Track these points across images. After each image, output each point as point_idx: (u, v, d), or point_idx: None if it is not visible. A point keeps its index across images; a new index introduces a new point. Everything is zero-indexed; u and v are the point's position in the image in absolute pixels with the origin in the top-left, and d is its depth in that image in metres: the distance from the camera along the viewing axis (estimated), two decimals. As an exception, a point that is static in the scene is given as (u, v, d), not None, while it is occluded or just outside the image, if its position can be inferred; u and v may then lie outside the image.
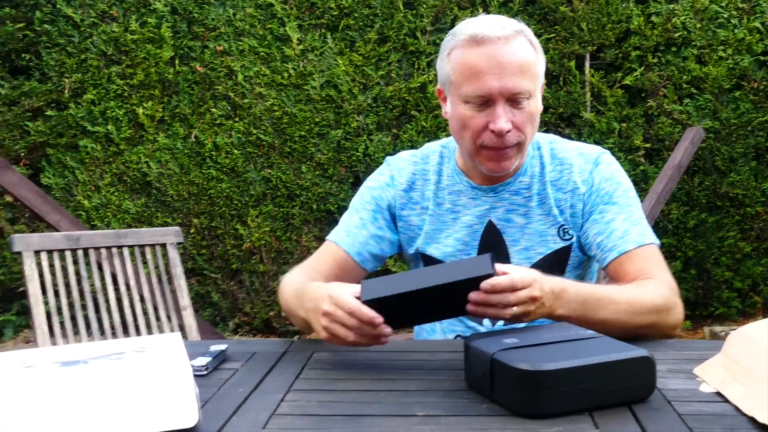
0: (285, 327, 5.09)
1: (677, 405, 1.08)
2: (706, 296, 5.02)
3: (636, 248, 1.57)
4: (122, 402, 0.96)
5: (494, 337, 1.18)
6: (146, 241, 2.36)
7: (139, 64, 5.06)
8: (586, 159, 1.68)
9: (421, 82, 4.95)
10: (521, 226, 1.67)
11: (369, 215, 1.74)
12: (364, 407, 1.10)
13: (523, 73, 1.52)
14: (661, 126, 4.91)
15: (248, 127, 5.04)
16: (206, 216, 5.09)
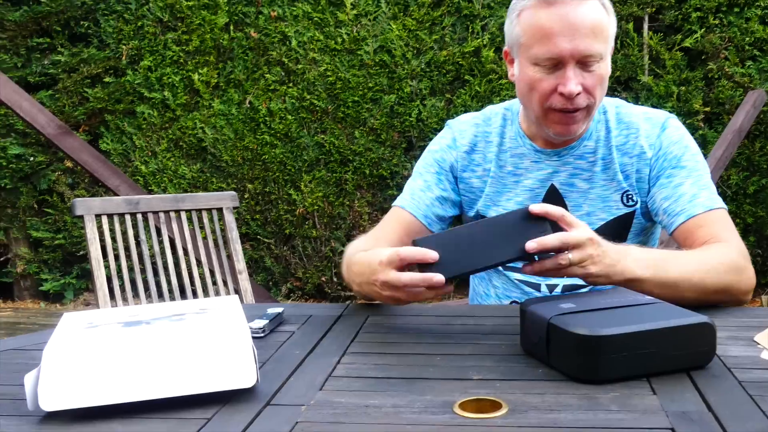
0: (337, 292, 5.14)
1: (737, 372, 1.06)
2: (764, 263, 4.91)
3: (705, 212, 1.53)
4: (183, 362, 0.98)
5: (551, 302, 1.17)
6: (203, 205, 2.39)
7: (195, 30, 5.11)
8: (653, 123, 1.65)
9: (475, 46, 4.90)
10: (584, 191, 1.65)
11: (433, 177, 1.74)
12: (420, 370, 1.11)
13: (595, 35, 1.49)
14: (721, 89, 4.78)
15: (302, 92, 5.05)
16: (260, 181, 5.14)
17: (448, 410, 0.94)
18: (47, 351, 0.97)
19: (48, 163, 5.53)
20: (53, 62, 5.41)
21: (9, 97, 3.83)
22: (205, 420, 0.93)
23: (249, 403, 0.98)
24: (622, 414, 0.92)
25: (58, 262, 5.64)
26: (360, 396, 1.00)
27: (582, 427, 0.89)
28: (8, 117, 5.37)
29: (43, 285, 5.63)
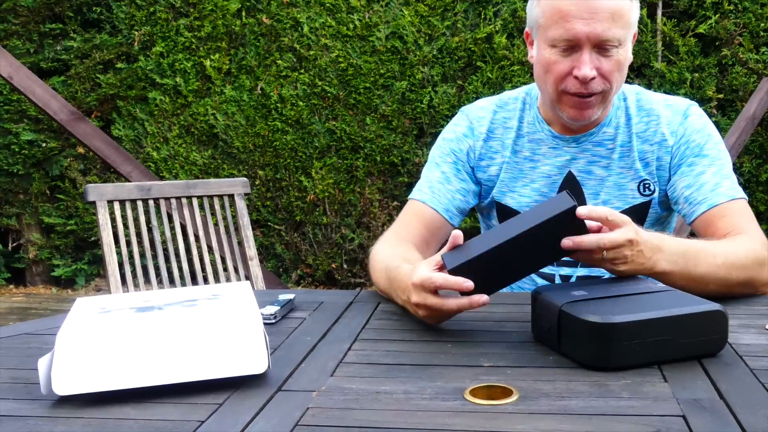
0: (347, 279, 5.15)
1: (749, 360, 1.06)
2: (778, 252, 4.88)
3: (727, 202, 1.52)
4: (195, 347, 0.99)
5: (563, 289, 1.17)
6: (215, 191, 2.40)
7: (207, 16, 5.10)
8: (674, 111, 1.63)
9: (487, 32, 4.87)
10: (602, 178, 1.64)
11: (451, 168, 1.70)
12: (430, 357, 1.11)
13: (614, 20, 1.47)
14: (735, 76, 4.74)
15: (313, 78, 5.05)
16: (271, 168, 5.15)
17: (458, 397, 0.94)
18: (60, 335, 0.97)
19: (60, 149, 5.55)
20: (66, 48, 5.42)
21: (22, 82, 3.85)
22: (216, 405, 0.94)
23: (260, 389, 0.98)
24: (633, 401, 0.92)
25: (69, 248, 5.67)
26: (371, 382, 1.01)
27: (592, 414, 0.89)
28: (21, 103, 5.39)
29: (54, 271, 5.66)
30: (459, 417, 0.88)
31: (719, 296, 1.36)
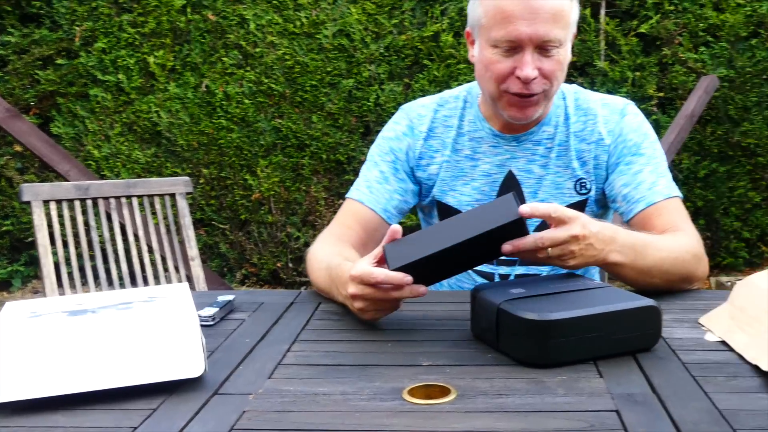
0: (292, 278, 5.12)
1: (682, 354, 1.09)
2: (714, 246, 5.01)
3: (664, 200, 1.56)
4: (129, 351, 0.97)
5: (501, 288, 1.18)
6: (155, 191, 2.36)
7: (151, 12, 5.02)
8: (611, 109, 1.65)
9: (434, 30, 4.89)
10: (540, 177, 1.65)
11: (389, 168, 1.69)
12: (370, 357, 1.11)
13: (555, 20, 1.48)
14: (675, 75, 4.84)
15: (259, 76, 5.00)
16: (216, 166, 5.09)
17: (397, 397, 0.94)
18: (-13, 341, 0.95)
19: (-3, 147, 5.41)
20: (3, 43, 5.28)
21: (-45, 79, 3.74)
22: (150, 410, 0.92)
23: (196, 393, 0.97)
24: (568, 397, 0.93)
25: (5, 249, 5.53)
26: (309, 384, 1.00)
27: (529, 411, 0.89)
28: (-44, 100, 5.23)
29: (-10, 272, 5.51)
30: (397, 417, 0.88)
31: (660, 290, 1.40)
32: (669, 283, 1.43)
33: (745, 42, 4.81)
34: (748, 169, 4.91)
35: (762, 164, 4.88)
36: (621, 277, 1.39)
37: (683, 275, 1.45)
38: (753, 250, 5.03)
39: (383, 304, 1.23)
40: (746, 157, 4.90)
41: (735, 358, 1.06)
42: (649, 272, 1.38)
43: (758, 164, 4.89)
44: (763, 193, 4.94)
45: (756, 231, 4.98)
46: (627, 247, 1.33)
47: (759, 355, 1.03)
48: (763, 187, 4.94)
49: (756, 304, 1.14)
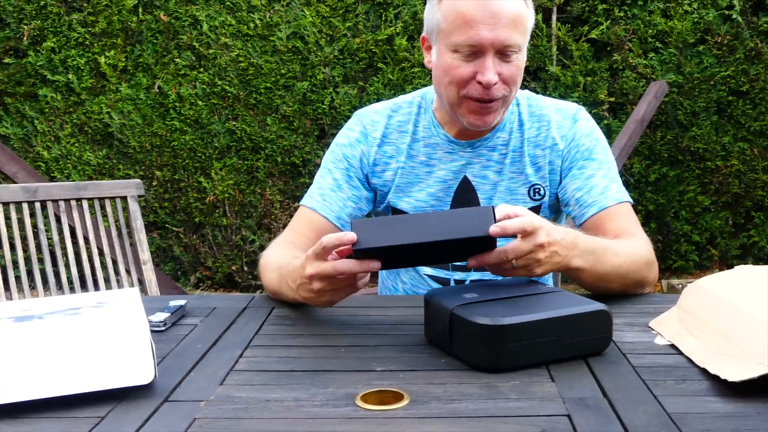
0: (247, 281, 5.08)
1: (632, 357, 1.10)
2: (664, 250, 5.10)
3: (615, 205, 1.58)
4: (77, 358, 0.95)
5: (454, 292, 1.18)
6: (106, 193, 2.32)
7: (102, 11, 4.94)
8: (564, 115, 1.67)
9: (388, 34, 4.90)
10: (495, 183, 1.65)
11: (343, 175, 1.68)
12: (323, 362, 1.10)
13: (515, 25, 1.49)
14: (625, 80, 4.92)
15: (213, 78, 4.96)
16: (169, 168, 5.03)
17: (350, 403, 0.94)
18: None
19: (-57, 148, 5.27)
20: (-52, 42, 5.15)
21: None
22: (99, 418, 0.90)
23: (146, 400, 0.95)
24: (521, 402, 0.94)
25: (-46, 252, 5.41)
26: (261, 390, 0.99)
27: (481, 416, 0.90)
28: None
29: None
30: (349, 424, 0.88)
31: (616, 294, 1.42)
32: (625, 287, 1.45)
33: (693, 48, 4.91)
34: (697, 174, 5.02)
35: (710, 169, 4.99)
36: (580, 281, 1.40)
37: (638, 280, 1.47)
38: (703, 253, 5.14)
39: (340, 281, 1.21)
40: (695, 162, 5.00)
41: (684, 362, 1.08)
42: (607, 277, 1.40)
43: (707, 169, 4.99)
44: (712, 197, 5.05)
45: (705, 234, 5.09)
46: (588, 252, 1.35)
47: (707, 358, 1.04)
48: (711, 191, 5.05)
49: (704, 307, 1.16)
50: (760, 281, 1.19)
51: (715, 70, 4.89)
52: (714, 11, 4.86)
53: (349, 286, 1.23)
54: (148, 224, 5.11)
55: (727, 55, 4.90)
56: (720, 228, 5.07)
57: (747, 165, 4.99)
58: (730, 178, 4.99)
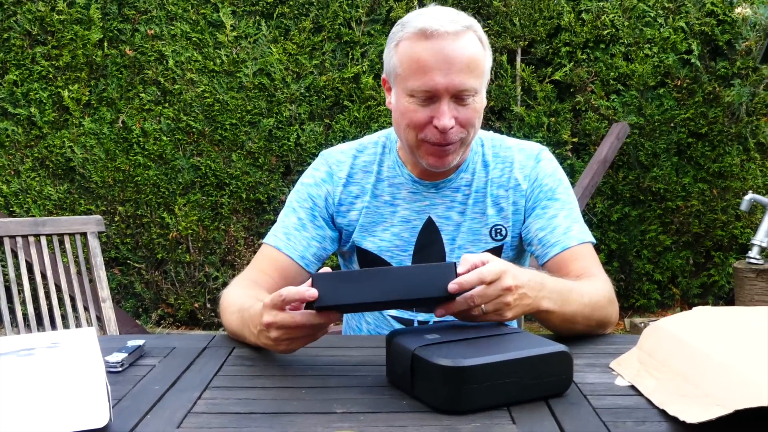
0: (210, 319, 5.02)
1: (592, 399, 1.10)
2: (627, 288, 5.15)
3: (578, 245, 1.58)
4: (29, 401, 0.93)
5: (416, 333, 1.17)
6: (66, 229, 2.29)
7: (66, 45, 4.92)
8: (527, 155, 1.68)
9: (354, 72, 4.94)
10: (458, 224, 1.66)
11: (307, 214, 1.67)
12: (283, 404, 1.08)
13: (470, 70, 1.49)
14: (588, 121, 5.00)
15: (178, 113, 4.95)
16: (132, 204, 4.98)
17: (309, 446, 0.92)
18: None
19: None
20: None
21: None
22: (49, 463, 0.88)
23: (99, 444, 0.93)
24: (481, 445, 0.93)
25: None
26: (219, 433, 0.97)
27: (442, 460, 0.89)
28: None
29: None
30: (308, 467, 0.87)
31: (580, 335, 1.42)
32: (589, 328, 1.45)
33: (654, 91, 5.02)
34: (659, 213, 5.09)
35: (671, 209, 5.07)
36: (548, 323, 1.40)
37: (602, 320, 1.47)
38: (665, 292, 5.19)
39: (299, 332, 1.20)
40: (656, 202, 5.08)
41: (644, 403, 1.08)
42: (574, 318, 1.39)
43: (668, 209, 5.07)
44: (673, 236, 5.12)
45: (667, 273, 5.15)
46: (555, 293, 1.34)
47: (666, 399, 1.05)
48: (672, 231, 5.12)
49: (663, 348, 1.17)
50: (717, 322, 1.20)
51: (675, 113, 4.99)
52: (674, 55, 4.98)
53: (308, 336, 1.23)
54: (109, 260, 5.04)
55: (687, 98, 5.01)
56: (681, 267, 5.14)
57: (706, 205, 5.08)
58: (690, 218, 5.08)
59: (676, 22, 4.99)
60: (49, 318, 2.20)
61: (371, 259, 1.68)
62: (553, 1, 4.99)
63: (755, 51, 4.85)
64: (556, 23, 5.00)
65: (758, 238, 4.29)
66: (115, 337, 1.75)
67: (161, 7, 4.95)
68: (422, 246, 1.65)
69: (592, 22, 4.97)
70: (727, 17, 4.99)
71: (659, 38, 4.99)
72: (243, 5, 4.97)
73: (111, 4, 4.95)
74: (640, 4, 4.99)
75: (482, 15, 5.00)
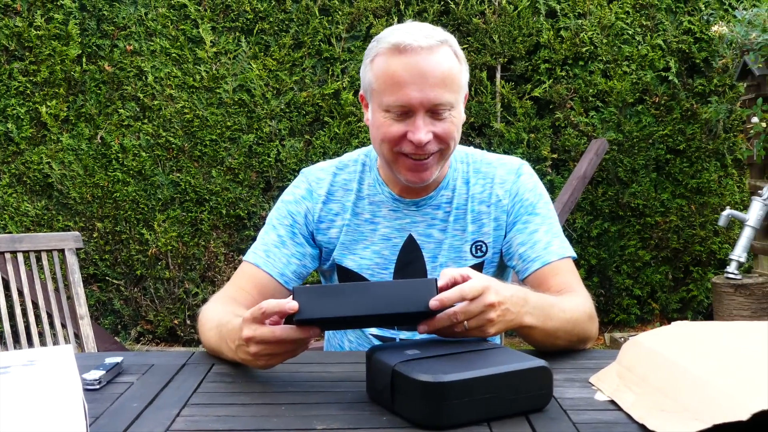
0: (190, 335, 4.99)
1: (572, 414, 1.10)
2: (607, 303, 5.17)
3: (558, 260, 1.58)
4: (4, 420, 0.91)
5: (396, 349, 1.17)
6: (43, 246, 2.26)
7: (44, 61, 4.89)
8: (507, 170, 1.67)
9: (334, 88, 4.95)
10: (439, 241, 1.65)
11: (287, 232, 1.66)
12: (263, 421, 1.08)
13: (445, 84, 1.49)
14: (567, 137, 5.03)
15: (157, 129, 4.93)
16: (110, 220, 4.95)
17: (288, 463, 0.92)
18: None
19: None
20: None
21: None
22: (24, 483, 0.86)
23: (76, 463, 0.92)
24: (462, 461, 0.93)
25: None
26: (197, 451, 0.96)
27: (422, 476, 0.88)
28: None
29: None
30: (287, 485, 0.86)
31: (561, 350, 1.42)
32: (570, 344, 1.45)
33: (632, 108, 5.07)
34: (638, 229, 5.12)
35: (650, 224, 5.10)
36: (531, 339, 1.39)
37: (582, 336, 1.47)
38: (644, 307, 5.22)
39: (278, 347, 1.20)
40: (635, 218, 5.11)
41: (623, 417, 1.08)
42: (556, 333, 1.39)
43: (647, 224, 5.11)
44: (652, 252, 5.15)
45: (646, 288, 5.18)
46: (537, 308, 1.34)
47: (645, 414, 1.05)
48: (652, 246, 5.16)
49: (642, 363, 1.17)
50: (696, 337, 1.21)
51: (654, 129, 5.04)
52: (652, 73, 5.03)
53: (288, 352, 1.22)
54: (87, 277, 5.00)
55: (665, 114, 5.06)
56: (660, 282, 5.17)
57: (685, 221, 5.12)
58: (669, 234, 5.11)
59: (653, 39, 5.05)
60: (26, 335, 2.18)
61: (351, 277, 1.67)
62: (532, 19, 5.03)
63: (732, 68, 4.91)
64: (535, 40, 5.04)
65: (736, 254, 4.33)
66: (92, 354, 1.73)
67: (140, 22, 4.94)
68: (403, 264, 1.65)
69: (571, 40, 5.02)
70: (704, 35, 5.05)
71: (637, 56, 5.04)
72: (223, 21, 4.97)
73: (90, 19, 4.94)
74: (618, 21, 5.05)
75: (462, 32, 5.03)
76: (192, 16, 4.94)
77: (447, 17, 5.03)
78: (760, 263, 4.76)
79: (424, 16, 4.97)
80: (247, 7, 4.94)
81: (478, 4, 5.00)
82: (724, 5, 5.08)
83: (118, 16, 4.93)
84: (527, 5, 5.00)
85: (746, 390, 0.95)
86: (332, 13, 4.99)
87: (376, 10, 4.98)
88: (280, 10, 4.97)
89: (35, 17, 4.89)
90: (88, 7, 4.93)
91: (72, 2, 4.90)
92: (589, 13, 5.04)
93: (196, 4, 4.96)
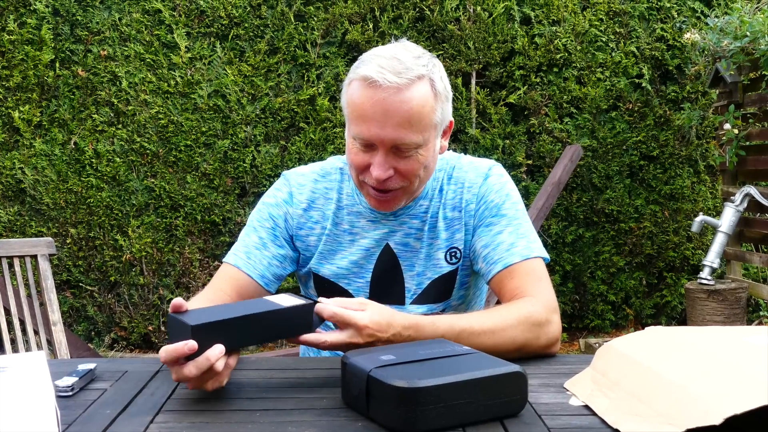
0: (164, 342, 4.95)
1: (547, 419, 1.10)
2: (582, 309, 5.20)
3: (520, 262, 1.54)
4: (-26, 427, 0.90)
5: (372, 354, 1.17)
6: (16, 252, 2.24)
7: (17, 65, 4.85)
8: (477, 173, 1.66)
9: (310, 94, 4.94)
10: (416, 250, 1.65)
11: (268, 234, 1.66)
12: (237, 428, 1.07)
13: (411, 125, 1.46)
14: (542, 143, 5.07)
15: (132, 134, 4.90)
16: (84, 225, 4.91)
17: (263, 470, 0.91)
18: None
19: None
20: None
21: None
22: (-5, 492, 0.85)
23: (47, 471, 0.91)
24: (437, 466, 0.93)
25: None
26: (171, 458, 0.96)
27: (397, 481, 0.88)
28: None
29: None
30: (262, 491, 0.85)
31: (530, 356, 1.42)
32: (520, 355, 1.40)
33: (606, 114, 5.11)
34: (612, 235, 5.17)
35: (624, 230, 5.15)
36: None
37: (517, 347, 1.41)
38: (618, 312, 5.26)
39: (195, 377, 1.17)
40: (610, 224, 5.15)
41: (598, 422, 1.09)
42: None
43: (621, 230, 5.15)
44: (626, 257, 5.20)
45: (621, 294, 5.22)
46: (439, 333, 1.35)
47: (619, 419, 1.06)
48: (626, 252, 5.20)
49: (616, 368, 1.18)
50: (670, 342, 1.22)
51: (627, 136, 5.09)
52: (625, 79, 5.08)
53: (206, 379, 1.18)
54: (60, 283, 4.94)
55: (638, 121, 5.11)
56: (634, 288, 5.22)
57: (659, 227, 5.17)
58: (643, 240, 5.16)
59: (627, 46, 5.10)
60: (-3, 343, 2.15)
61: (328, 286, 1.67)
62: (507, 26, 5.07)
63: (704, 75, 4.97)
64: (510, 47, 5.07)
65: (709, 260, 4.38)
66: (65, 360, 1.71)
67: (114, 28, 4.91)
68: (380, 273, 1.65)
69: (545, 46, 5.06)
70: (676, 42, 5.11)
71: (611, 62, 5.09)
72: (197, 27, 4.96)
73: (63, 24, 4.90)
74: (592, 29, 5.09)
75: (437, 38, 5.05)
76: (166, 22, 4.92)
77: (422, 24, 5.05)
78: (733, 269, 4.82)
79: (399, 22, 4.99)
80: (222, 13, 4.92)
81: (453, 11, 5.03)
82: (696, 13, 5.15)
83: (92, 21, 4.89)
84: (502, 12, 5.03)
85: (719, 394, 0.96)
86: (307, 19, 4.99)
87: (352, 17, 4.99)
88: (255, 16, 4.96)
89: (8, 22, 4.84)
90: (61, 12, 4.89)
91: (45, 7, 4.86)
92: (563, 20, 5.08)
93: (171, 9, 4.93)
